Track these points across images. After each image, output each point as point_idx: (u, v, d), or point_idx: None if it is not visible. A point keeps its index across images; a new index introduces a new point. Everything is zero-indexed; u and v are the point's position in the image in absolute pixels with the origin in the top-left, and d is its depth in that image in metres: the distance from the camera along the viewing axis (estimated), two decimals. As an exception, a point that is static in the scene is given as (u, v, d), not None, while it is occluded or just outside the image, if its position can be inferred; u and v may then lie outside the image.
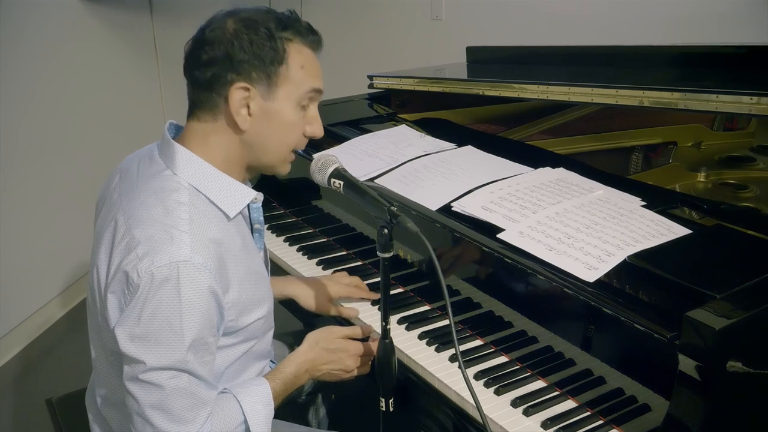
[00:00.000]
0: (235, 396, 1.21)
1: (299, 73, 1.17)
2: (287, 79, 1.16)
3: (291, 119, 1.19)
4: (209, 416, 1.15)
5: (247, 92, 1.14)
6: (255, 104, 1.15)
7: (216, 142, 1.18)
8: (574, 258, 1.25)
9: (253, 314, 1.23)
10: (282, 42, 1.15)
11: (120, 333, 1.08)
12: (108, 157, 3.17)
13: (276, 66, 1.15)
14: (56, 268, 3.09)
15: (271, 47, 1.14)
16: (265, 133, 1.18)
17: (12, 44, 2.74)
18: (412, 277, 1.61)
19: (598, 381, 1.23)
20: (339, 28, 3.55)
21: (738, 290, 1.10)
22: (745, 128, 1.69)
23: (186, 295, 1.07)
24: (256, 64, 1.13)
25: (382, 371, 1.25)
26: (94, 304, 1.19)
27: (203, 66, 1.14)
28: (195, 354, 1.10)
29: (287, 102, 1.18)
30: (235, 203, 1.20)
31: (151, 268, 1.06)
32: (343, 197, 1.29)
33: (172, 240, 1.08)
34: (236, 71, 1.13)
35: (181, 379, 1.10)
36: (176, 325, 1.07)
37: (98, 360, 1.26)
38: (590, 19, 2.43)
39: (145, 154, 1.25)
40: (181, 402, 1.11)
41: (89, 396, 1.37)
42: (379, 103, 2.24)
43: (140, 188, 1.17)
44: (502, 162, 1.66)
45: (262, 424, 1.21)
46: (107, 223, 1.16)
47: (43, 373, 2.76)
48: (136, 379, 1.09)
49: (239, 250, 1.19)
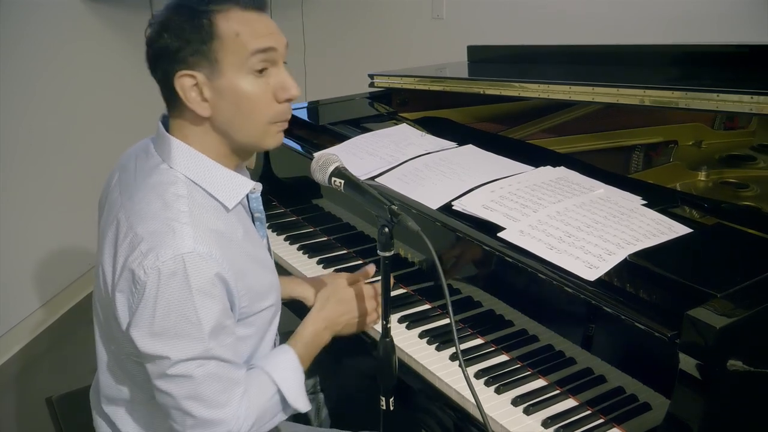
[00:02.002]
0: (263, 369, 1.23)
1: (235, 41, 1.10)
2: (226, 52, 1.10)
3: (248, 90, 1.12)
4: (243, 394, 1.16)
5: (192, 79, 1.10)
6: (206, 88, 1.11)
7: (193, 133, 1.16)
8: (574, 257, 1.25)
9: (264, 301, 1.23)
10: (207, 16, 1.09)
11: (137, 334, 1.08)
12: (108, 156, 3.16)
13: (208, 44, 1.09)
14: (56, 267, 3.09)
15: (194, 27, 1.09)
16: (230, 112, 1.13)
17: (12, 44, 2.74)
18: (412, 276, 1.61)
19: (599, 380, 1.23)
20: (340, 28, 3.55)
21: (739, 289, 1.10)
22: (745, 127, 1.69)
23: (196, 285, 1.07)
24: (187, 48, 1.09)
25: (383, 370, 1.25)
26: (102, 304, 1.20)
27: (151, 66, 1.14)
28: (216, 340, 1.11)
29: (236, 74, 1.11)
30: (233, 194, 1.18)
31: (157, 263, 1.05)
32: (343, 196, 1.28)
33: (174, 233, 1.07)
34: (175, 61, 1.10)
35: (209, 365, 1.11)
36: (192, 316, 1.07)
37: (104, 358, 1.26)
38: (591, 19, 2.43)
39: (140, 149, 1.25)
40: (213, 387, 1.12)
41: (93, 394, 1.37)
42: (380, 101, 2.24)
43: (138, 184, 1.16)
44: (503, 161, 1.66)
45: (295, 390, 1.24)
46: (109, 223, 1.17)
47: (43, 372, 2.76)
48: (165, 376, 1.10)
49: (242, 239, 1.19)
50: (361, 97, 2.26)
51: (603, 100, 1.62)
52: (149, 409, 1.24)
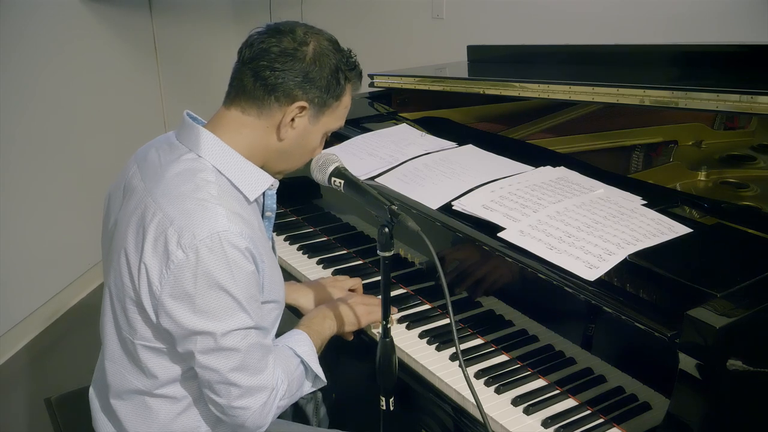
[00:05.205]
0: (286, 344, 1.32)
1: (341, 111, 1.27)
2: (333, 113, 1.25)
3: (315, 144, 1.28)
4: (274, 361, 1.23)
5: (302, 111, 1.21)
6: (301, 122, 1.22)
7: (249, 135, 1.22)
8: (574, 257, 1.25)
9: (275, 292, 1.28)
10: (345, 81, 1.24)
11: (178, 311, 1.12)
12: (108, 156, 3.18)
13: (333, 100, 1.23)
14: (57, 266, 3.09)
15: (338, 83, 1.22)
16: (294, 147, 1.25)
17: (12, 44, 2.74)
18: (412, 276, 1.61)
19: (599, 379, 1.23)
20: (339, 28, 3.53)
21: (738, 289, 1.10)
22: (745, 127, 1.69)
23: (233, 260, 1.12)
24: (322, 92, 1.20)
25: (383, 370, 1.25)
26: (119, 290, 1.21)
27: (277, 70, 1.18)
28: (252, 309, 1.17)
29: (322, 129, 1.26)
30: (255, 188, 1.24)
31: (194, 242, 1.10)
32: (343, 196, 1.29)
33: (208, 212, 1.12)
34: (304, 90, 1.19)
35: (251, 335, 1.17)
36: (232, 289, 1.12)
37: (113, 349, 1.27)
38: (591, 18, 2.43)
39: (162, 142, 1.28)
40: (255, 355, 1.19)
41: (96, 388, 1.37)
42: (380, 101, 2.25)
43: (165, 170, 1.20)
44: (503, 161, 1.66)
45: (314, 362, 1.33)
46: (133, 209, 1.19)
47: (43, 372, 2.76)
48: (212, 351, 1.14)
49: (258, 230, 1.23)
50: (361, 96, 2.26)
51: (603, 100, 1.62)
52: (155, 401, 1.25)
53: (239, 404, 1.19)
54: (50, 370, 2.76)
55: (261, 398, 1.20)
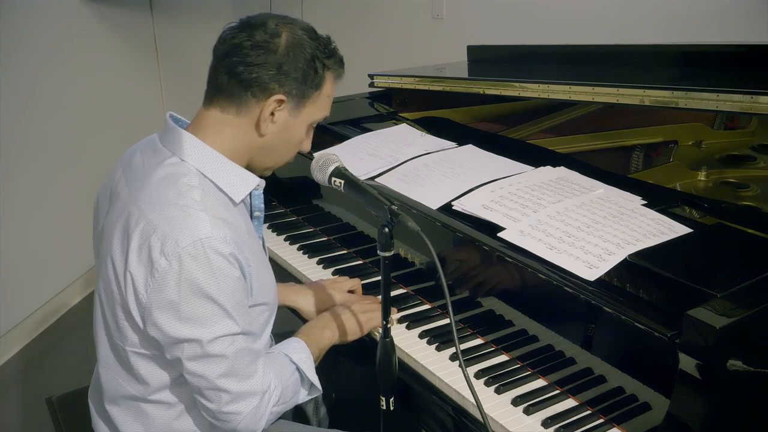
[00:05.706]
0: (282, 351, 1.32)
1: (324, 101, 1.24)
2: (314, 103, 1.23)
3: (300, 136, 1.26)
4: (264, 366, 1.22)
5: (281, 104, 1.19)
6: (281, 115, 1.20)
7: (231, 134, 1.21)
8: (574, 257, 1.25)
9: (266, 295, 1.27)
10: (323, 69, 1.21)
11: (163, 321, 1.11)
12: (108, 155, 3.16)
13: (312, 90, 1.21)
14: (57, 267, 3.09)
15: (315, 72, 1.19)
16: (278, 142, 1.23)
17: (12, 44, 2.74)
18: (412, 276, 1.61)
19: (599, 380, 1.23)
20: (339, 28, 3.53)
21: (738, 289, 1.10)
22: (745, 127, 1.69)
23: (217, 266, 1.11)
24: (299, 83, 1.18)
25: (383, 370, 1.25)
26: (108, 297, 1.20)
27: (250, 65, 1.16)
28: (239, 315, 1.16)
29: (305, 121, 1.24)
30: (241, 189, 1.22)
31: (177, 249, 1.09)
32: (343, 196, 1.29)
33: (191, 219, 1.11)
34: (280, 83, 1.17)
35: (238, 341, 1.16)
36: (217, 296, 1.11)
37: (105, 355, 1.26)
38: (591, 18, 2.42)
39: (146, 145, 1.27)
40: (244, 360, 1.18)
41: (93, 393, 1.37)
42: (380, 101, 2.24)
43: (148, 176, 1.18)
44: (503, 161, 1.66)
45: (310, 370, 1.33)
46: (118, 215, 1.18)
47: (43, 372, 2.76)
48: (199, 358, 1.14)
49: (245, 233, 1.22)
50: (361, 96, 2.26)
51: (603, 100, 1.62)
52: (149, 406, 1.25)
53: (230, 409, 1.18)
54: (50, 370, 2.77)
55: (252, 403, 1.20)
